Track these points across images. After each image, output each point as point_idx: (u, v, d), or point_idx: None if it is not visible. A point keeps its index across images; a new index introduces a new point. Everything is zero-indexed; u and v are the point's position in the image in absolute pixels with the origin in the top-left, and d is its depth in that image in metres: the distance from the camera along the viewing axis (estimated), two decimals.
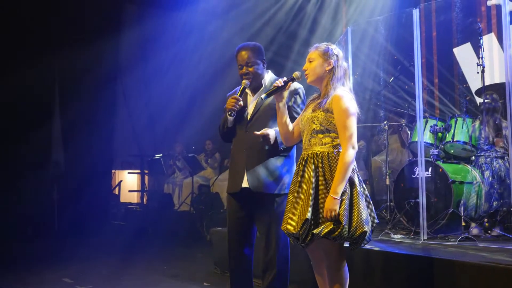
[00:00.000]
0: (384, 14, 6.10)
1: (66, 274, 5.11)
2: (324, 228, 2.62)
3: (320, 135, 2.77)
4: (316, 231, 2.65)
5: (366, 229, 2.64)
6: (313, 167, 2.74)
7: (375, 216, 2.78)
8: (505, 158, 4.54)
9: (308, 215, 2.65)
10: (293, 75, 2.95)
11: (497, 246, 3.77)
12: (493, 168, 4.59)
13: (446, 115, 5.62)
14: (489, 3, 7.55)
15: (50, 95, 9.37)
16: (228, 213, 3.57)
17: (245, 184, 3.35)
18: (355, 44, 5.51)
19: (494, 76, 6.90)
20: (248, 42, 3.54)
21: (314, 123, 2.78)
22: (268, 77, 3.47)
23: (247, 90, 3.47)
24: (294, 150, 3.42)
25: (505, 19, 3.92)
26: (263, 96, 3.00)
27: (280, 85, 2.89)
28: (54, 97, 9.50)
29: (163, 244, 7.22)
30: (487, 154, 4.65)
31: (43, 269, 5.46)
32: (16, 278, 5.00)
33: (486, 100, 4.57)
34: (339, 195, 2.62)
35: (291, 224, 2.73)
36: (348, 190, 2.67)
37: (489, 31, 7.36)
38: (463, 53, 7.41)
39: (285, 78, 2.93)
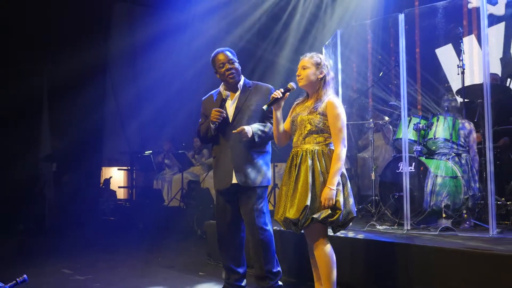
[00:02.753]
0: (372, 18, 6.40)
1: (65, 266, 5.28)
2: (322, 214, 3.02)
3: (315, 135, 3.16)
4: (315, 215, 3.03)
5: (354, 215, 3.14)
6: (309, 162, 3.10)
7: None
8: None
9: (308, 202, 3.02)
10: (288, 86, 3.33)
11: (473, 235, 4.09)
12: (471, 163, 4.92)
13: (429, 114, 5.92)
14: (470, 5, 7.90)
15: (38, 92, 9.47)
16: (216, 208, 3.92)
17: (234, 180, 3.72)
18: (344, 46, 5.78)
19: (474, 77, 7.24)
20: (222, 48, 3.88)
21: (310, 124, 3.16)
22: (242, 80, 3.85)
23: (223, 95, 3.75)
24: (270, 146, 3.85)
25: (483, 21, 4.18)
26: (264, 107, 3.36)
27: (278, 96, 3.26)
28: (42, 95, 9.61)
29: (155, 238, 7.41)
30: (466, 150, 4.98)
31: (41, 262, 5.62)
32: (17, 271, 5.15)
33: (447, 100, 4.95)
34: (335, 186, 3.01)
35: (290, 212, 3.09)
36: (341, 182, 3.08)
37: (470, 33, 7.71)
38: (445, 54, 7.75)
39: (282, 90, 3.29)
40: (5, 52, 8.48)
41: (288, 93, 3.31)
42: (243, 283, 3.92)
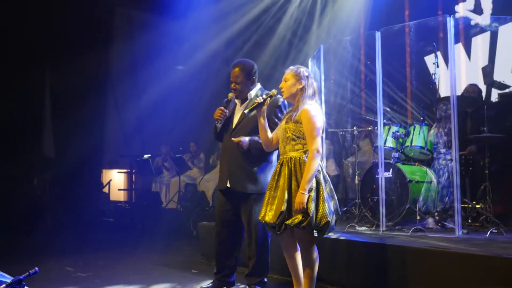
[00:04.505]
0: (351, 35, 6.83)
1: (67, 264, 5.63)
2: (295, 219, 3.22)
3: (293, 142, 3.38)
4: (288, 222, 3.26)
5: (329, 219, 3.24)
6: (287, 169, 3.35)
7: (339, 209, 3.40)
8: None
9: (283, 208, 3.26)
10: (271, 93, 3.60)
11: (442, 235, 4.46)
12: (448, 170, 5.28)
13: (413, 121, 6.30)
14: (457, 15, 8.28)
15: (41, 96, 9.81)
16: (216, 206, 4.23)
17: (228, 184, 4.02)
18: (327, 60, 6.19)
19: (461, 85, 7.58)
20: (243, 60, 4.14)
21: (287, 132, 3.40)
22: (255, 90, 4.08)
23: (236, 101, 4.10)
24: (274, 155, 4.02)
25: (451, 38, 4.52)
26: (246, 111, 3.64)
27: (260, 101, 3.51)
28: (45, 100, 9.94)
29: (152, 238, 7.77)
30: (443, 157, 5.35)
31: (44, 259, 5.95)
32: (20, 268, 5.47)
33: (440, 110, 5.26)
34: (307, 191, 3.21)
35: (269, 215, 3.35)
36: (314, 187, 3.26)
37: (457, 42, 8.08)
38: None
39: (263, 96, 3.56)
40: (8, 62, 8.82)
41: (269, 99, 3.53)
42: (232, 279, 4.22)
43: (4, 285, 2.72)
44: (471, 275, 3.30)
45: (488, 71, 7.72)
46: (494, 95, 6.91)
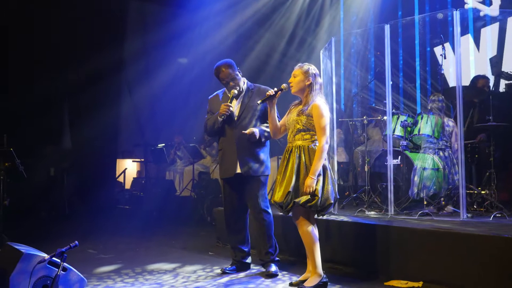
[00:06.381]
0: (362, 28, 7.03)
1: (89, 247, 5.93)
2: (302, 199, 3.62)
3: (303, 133, 3.76)
4: (297, 200, 3.64)
5: (332, 201, 3.67)
6: (296, 155, 3.72)
7: (337, 192, 3.79)
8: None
9: (290, 189, 3.64)
10: (282, 87, 3.91)
11: (446, 218, 4.69)
12: (454, 157, 5.49)
13: (416, 112, 6.50)
14: (466, 6, 8.42)
15: (60, 90, 10.09)
16: (223, 195, 4.54)
17: (238, 170, 4.35)
18: (338, 52, 6.40)
19: (470, 75, 7.73)
20: (222, 61, 4.47)
21: (298, 124, 3.77)
22: (245, 84, 4.48)
23: (229, 95, 4.37)
24: (269, 141, 4.46)
25: (457, 31, 4.72)
26: (258, 102, 3.98)
27: (272, 94, 3.84)
28: (63, 92, 10.22)
29: (168, 224, 8.07)
30: (449, 145, 5.55)
31: (65, 243, 6.22)
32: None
33: (431, 102, 5.53)
34: (316, 176, 3.60)
35: (277, 195, 3.72)
36: (321, 173, 3.65)
37: (466, 33, 8.24)
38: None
39: (275, 89, 3.87)
40: (31, 53, 9.11)
41: (280, 92, 3.86)
42: (248, 260, 4.56)
43: (49, 256, 3.01)
44: (472, 254, 3.52)
45: (496, 62, 7.87)
46: (502, 85, 7.08)
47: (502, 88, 7.03)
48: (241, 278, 4.31)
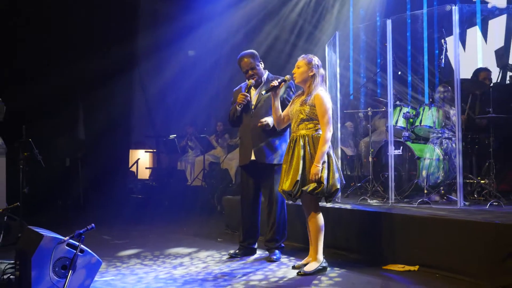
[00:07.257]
0: (365, 23, 7.20)
1: (104, 233, 6.20)
2: (310, 186, 3.78)
3: (306, 122, 3.92)
4: (304, 188, 3.81)
5: (338, 187, 3.83)
6: (301, 144, 3.88)
7: (343, 179, 3.95)
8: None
9: (298, 177, 3.81)
10: (285, 78, 4.11)
11: (444, 206, 4.87)
12: (453, 147, 5.65)
13: (418, 103, 6.66)
14: None
15: (75, 82, 10.33)
16: (241, 182, 4.77)
17: (253, 157, 4.57)
18: (344, 45, 6.59)
19: (478, 66, 7.83)
20: (246, 51, 4.70)
21: (302, 114, 3.93)
22: (266, 74, 4.68)
23: (248, 85, 4.58)
24: (288, 131, 4.58)
25: (455, 27, 4.88)
26: (263, 92, 4.18)
27: (275, 85, 4.03)
28: (79, 85, 10.47)
29: (179, 213, 8.34)
30: (450, 136, 5.72)
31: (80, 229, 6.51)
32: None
33: (438, 92, 5.68)
34: (321, 163, 3.77)
35: (285, 184, 3.90)
36: (325, 160, 3.81)
37: (474, 25, 8.35)
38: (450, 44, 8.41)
39: (279, 80, 4.06)
40: (48, 48, 9.38)
41: (284, 83, 4.06)
42: (255, 245, 4.80)
43: (68, 237, 3.26)
44: (465, 239, 3.72)
45: (501, 54, 7.97)
46: (508, 77, 7.20)
47: (507, 80, 7.15)
48: (251, 262, 4.50)
